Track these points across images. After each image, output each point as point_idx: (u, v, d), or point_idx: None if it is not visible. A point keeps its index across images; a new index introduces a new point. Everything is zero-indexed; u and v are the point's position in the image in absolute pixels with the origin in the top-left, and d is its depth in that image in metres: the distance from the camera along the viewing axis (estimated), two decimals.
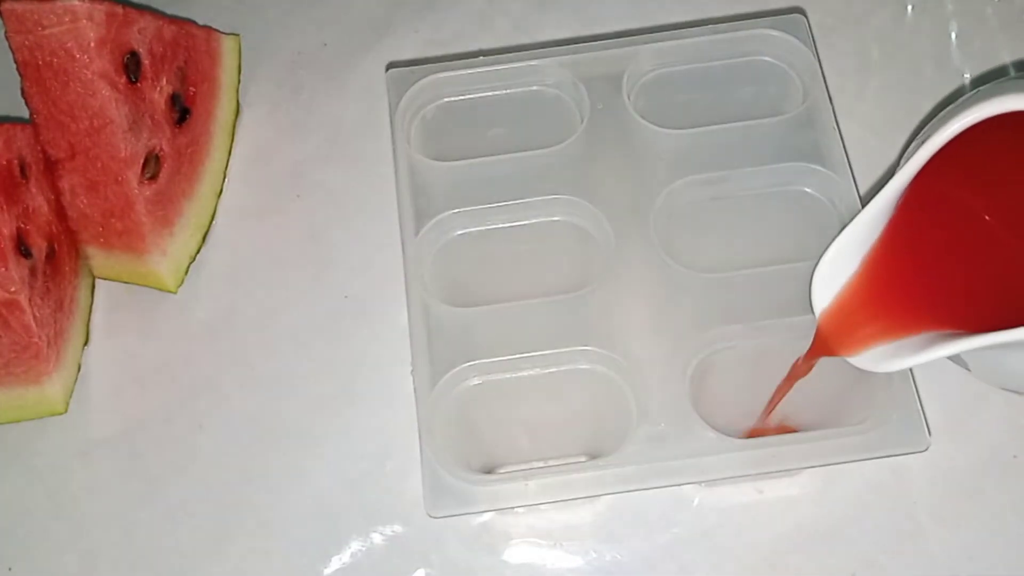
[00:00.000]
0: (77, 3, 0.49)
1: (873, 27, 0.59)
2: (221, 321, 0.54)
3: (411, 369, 0.44)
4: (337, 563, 0.48)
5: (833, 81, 0.53)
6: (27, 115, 0.51)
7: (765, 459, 0.42)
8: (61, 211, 0.53)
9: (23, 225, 0.49)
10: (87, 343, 0.54)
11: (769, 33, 0.49)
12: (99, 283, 0.55)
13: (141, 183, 0.52)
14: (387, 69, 0.52)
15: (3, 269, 0.48)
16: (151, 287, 0.54)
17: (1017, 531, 0.47)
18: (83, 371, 0.53)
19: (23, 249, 0.49)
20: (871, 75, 0.57)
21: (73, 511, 0.50)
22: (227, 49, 0.58)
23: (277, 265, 0.55)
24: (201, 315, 0.54)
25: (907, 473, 0.48)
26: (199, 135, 0.56)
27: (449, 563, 0.48)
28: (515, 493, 0.42)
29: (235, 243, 0.56)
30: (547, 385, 0.44)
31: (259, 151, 0.58)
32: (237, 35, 0.59)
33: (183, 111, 0.55)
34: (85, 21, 0.49)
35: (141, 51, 0.52)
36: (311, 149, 0.58)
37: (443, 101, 0.50)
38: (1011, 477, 0.48)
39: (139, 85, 0.52)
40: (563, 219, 0.47)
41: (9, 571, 0.49)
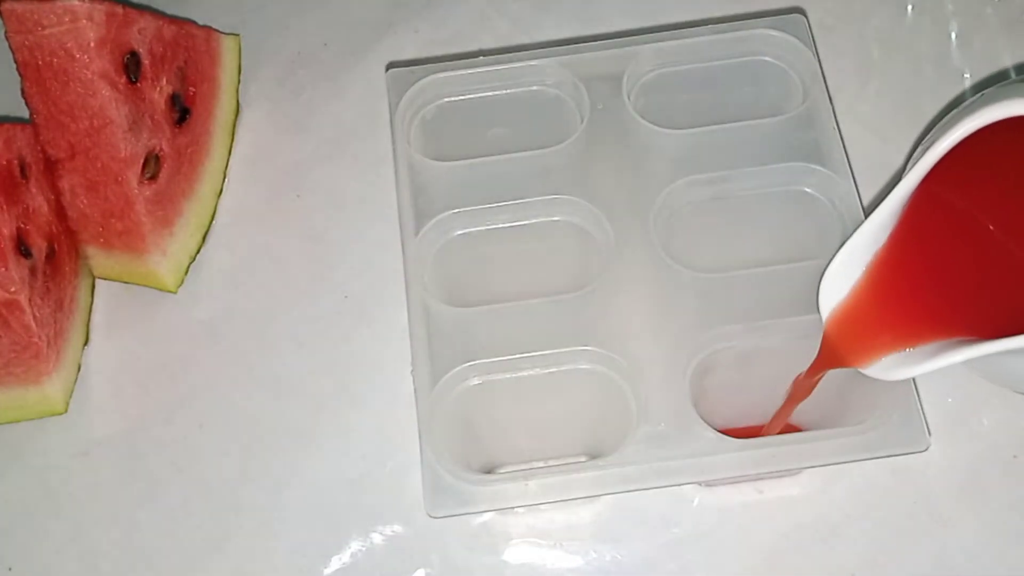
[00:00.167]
0: (77, 3, 0.49)
1: (873, 27, 0.59)
2: (221, 321, 0.54)
3: (411, 369, 0.44)
4: (337, 563, 0.48)
5: (833, 81, 0.53)
6: (27, 115, 0.51)
7: (765, 459, 0.41)
8: (61, 211, 0.53)
9: (23, 225, 0.49)
10: (87, 343, 0.54)
11: (769, 33, 0.49)
12: (99, 283, 0.55)
13: (141, 183, 0.52)
14: (387, 69, 0.52)
15: (3, 269, 0.48)
16: (151, 287, 0.54)
17: (1017, 531, 0.47)
18: (83, 371, 0.53)
19: (23, 249, 0.49)
20: (871, 75, 0.57)
21: (73, 511, 0.50)
22: (227, 49, 0.58)
23: (277, 265, 0.55)
24: (201, 315, 0.54)
25: (907, 473, 0.48)
26: (199, 135, 0.56)
27: (449, 563, 0.48)
28: (515, 493, 0.42)
29: (235, 243, 0.56)
30: (547, 385, 0.44)
31: (259, 151, 0.58)
32: (237, 35, 0.59)
33: (183, 111, 0.55)
34: (85, 21, 0.49)
35: (141, 51, 0.52)
36: (311, 149, 0.58)
37: (443, 101, 0.50)
38: (1011, 477, 0.48)
39: (139, 85, 0.52)
40: (563, 219, 0.47)
41: (9, 571, 0.49)
